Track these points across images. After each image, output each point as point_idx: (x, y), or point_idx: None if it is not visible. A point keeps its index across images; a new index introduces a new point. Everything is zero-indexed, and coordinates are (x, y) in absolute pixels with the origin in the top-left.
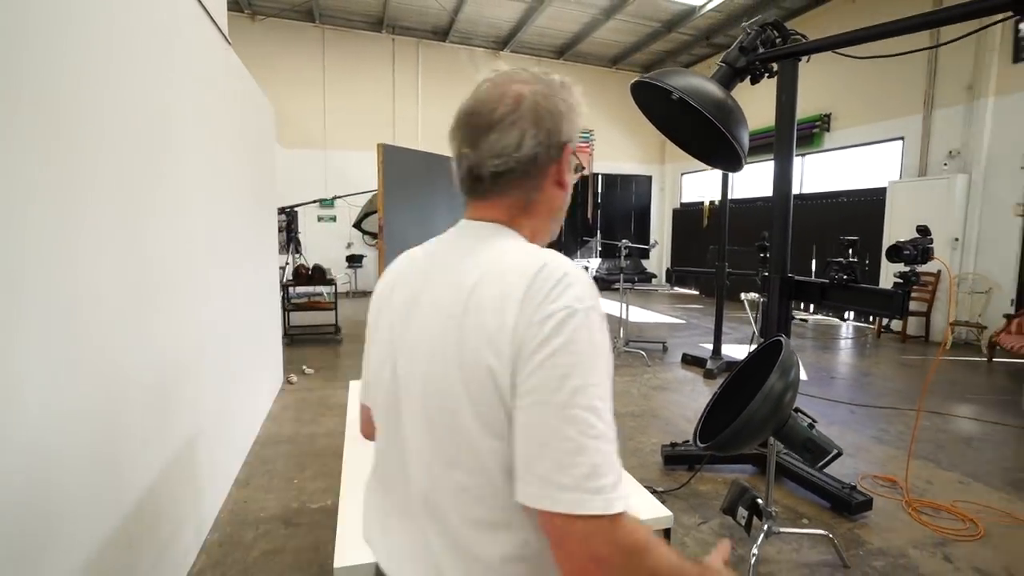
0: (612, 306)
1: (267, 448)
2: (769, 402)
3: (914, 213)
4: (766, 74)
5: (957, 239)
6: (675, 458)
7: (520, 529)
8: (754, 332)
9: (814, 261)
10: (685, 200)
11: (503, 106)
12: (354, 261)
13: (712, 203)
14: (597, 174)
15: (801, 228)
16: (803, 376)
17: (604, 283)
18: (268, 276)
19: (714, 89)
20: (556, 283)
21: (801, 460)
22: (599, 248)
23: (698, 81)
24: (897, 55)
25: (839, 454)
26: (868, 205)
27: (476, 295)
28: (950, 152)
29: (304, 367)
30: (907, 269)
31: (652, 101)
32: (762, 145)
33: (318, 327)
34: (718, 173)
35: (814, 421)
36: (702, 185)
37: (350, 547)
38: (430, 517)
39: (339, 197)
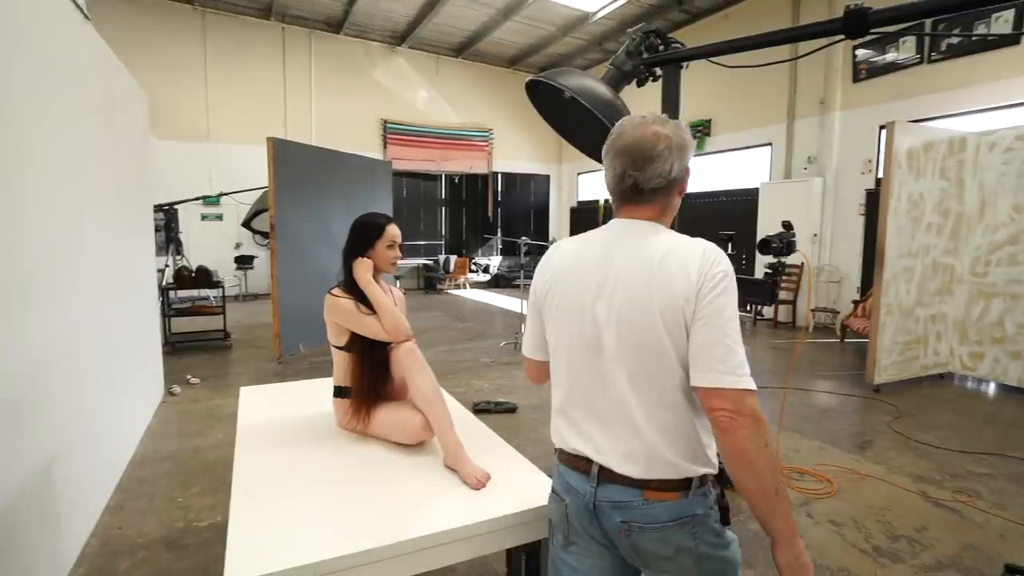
0: (513, 303)
1: (146, 467)
2: None
3: (781, 211)
4: (650, 78)
5: (816, 235)
6: None
7: (682, 409)
8: None
9: None
10: (582, 198)
11: (659, 144)
12: (244, 262)
13: (607, 202)
14: (497, 173)
15: (687, 225)
16: None
17: (506, 280)
18: (143, 279)
19: (603, 90)
20: (714, 258)
21: None
22: (500, 246)
23: (589, 82)
24: (759, 66)
25: None
26: (744, 204)
27: (664, 265)
28: (808, 158)
29: (189, 376)
30: (775, 260)
31: (546, 99)
32: None
33: (204, 333)
34: None
35: None
36: (597, 185)
37: (242, 560)
38: (630, 412)
39: (226, 194)
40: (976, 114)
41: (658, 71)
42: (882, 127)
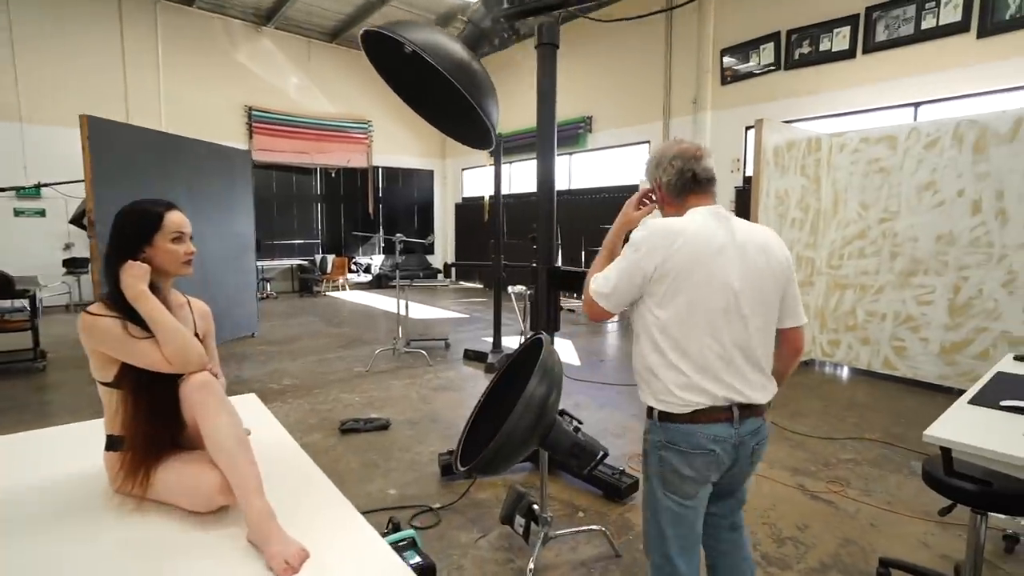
0: (391, 304)
1: None
2: (531, 411)
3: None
4: (513, 37)
5: None
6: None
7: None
8: (522, 328)
9: (584, 252)
10: (467, 195)
11: (700, 150)
12: (76, 266)
13: (491, 198)
14: (377, 167)
15: (572, 221)
16: (576, 362)
17: (388, 280)
18: None
19: (457, 48)
20: (778, 236)
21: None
22: (382, 244)
23: (440, 37)
24: (634, 18)
25: (605, 455)
26: (624, 199)
27: (766, 242)
28: None
29: None
30: None
31: (391, 60)
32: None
33: (9, 354)
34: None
35: (579, 423)
36: (482, 180)
37: None
38: (759, 358)
39: (45, 185)
40: (825, 119)
41: (519, 26)
42: (749, 127)
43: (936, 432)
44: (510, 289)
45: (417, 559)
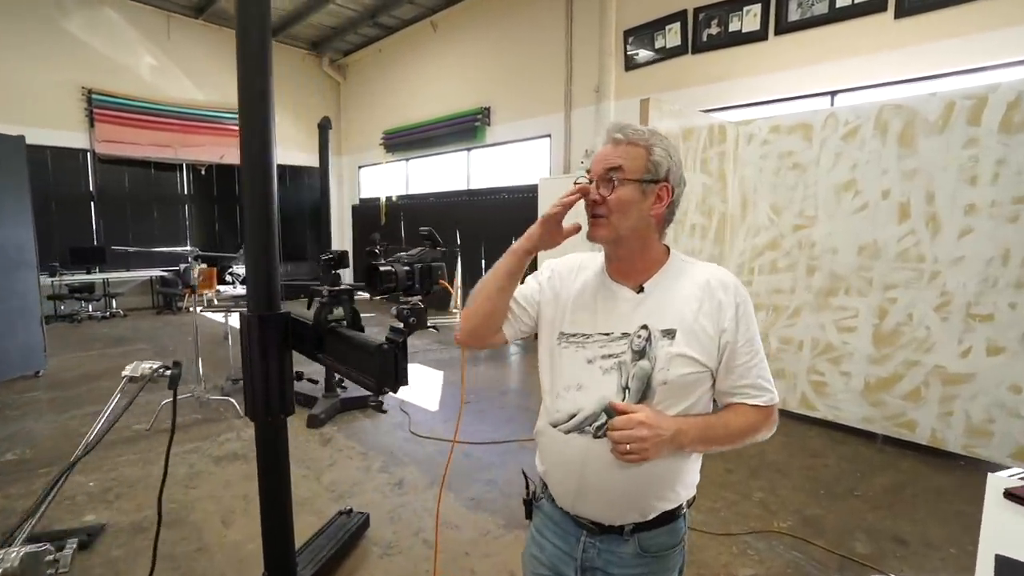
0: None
1: None
2: None
3: None
4: None
5: None
6: None
7: None
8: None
9: (484, 262)
10: (364, 196)
11: None
12: None
13: (390, 199)
14: None
15: (473, 225)
16: (433, 405)
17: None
18: None
19: None
20: None
21: None
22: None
23: None
24: None
25: None
26: (524, 200)
27: None
28: (586, 151)
29: None
30: (406, 306)
31: None
32: (437, 136)
33: None
34: (395, 167)
35: None
36: (380, 180)
37: None
38: None
39: None
40: (738, 109)
41: None
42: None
43: None
44: (124, 371)
45: None
